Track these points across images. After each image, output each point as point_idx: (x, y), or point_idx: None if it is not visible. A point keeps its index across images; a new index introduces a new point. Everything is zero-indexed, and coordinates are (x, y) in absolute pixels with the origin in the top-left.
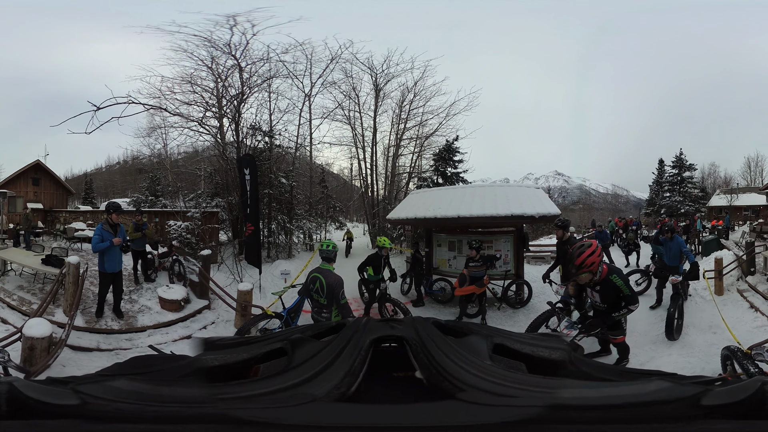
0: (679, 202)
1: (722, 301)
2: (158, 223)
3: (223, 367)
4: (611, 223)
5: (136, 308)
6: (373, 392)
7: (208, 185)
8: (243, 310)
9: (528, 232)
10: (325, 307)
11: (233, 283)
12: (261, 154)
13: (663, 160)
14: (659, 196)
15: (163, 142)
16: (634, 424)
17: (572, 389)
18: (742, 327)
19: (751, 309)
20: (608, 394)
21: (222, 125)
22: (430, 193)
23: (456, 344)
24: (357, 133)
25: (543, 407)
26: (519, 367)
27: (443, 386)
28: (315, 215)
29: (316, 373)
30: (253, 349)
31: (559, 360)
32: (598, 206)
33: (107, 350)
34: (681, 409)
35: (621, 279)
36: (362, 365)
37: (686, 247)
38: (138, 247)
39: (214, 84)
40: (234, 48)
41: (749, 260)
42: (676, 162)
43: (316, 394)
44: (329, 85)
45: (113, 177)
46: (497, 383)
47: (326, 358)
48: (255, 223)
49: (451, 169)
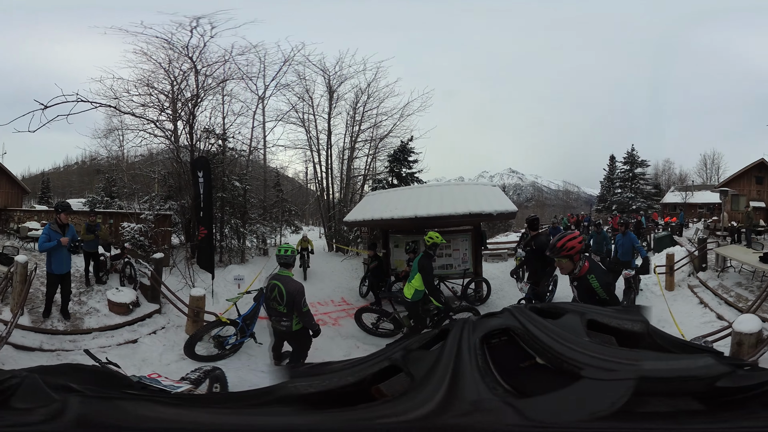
0: (630, 198)
1: (672, 297)
2: (113, 224)
3: (322, 393)
4: (564, 219)
5: (84, 310)
6: (520, 385)
7: (162, 188)
8: (195, 316)
9: (485, 230)
10: (285, 316)
11: (185, 288)
12: (214, 157)
13: (614, 157)
14: (611, 192)
15: (120, 144)
16: (679, 398)
17: (650, 361)
18: (690, 322)
19: (700, 305)
20: (674, 367)
21: (176, 128)
22: (386, 194)
23: (556, 326)
24: (311, 136)
25: (635, 379)
26: (611, 341)
27: (565, 368)
28: (269, 219)
29: (453, 380)
30: (358, 372)
31: (639, 332)
32: (550, 203)
33: (49, 351)
34: (704, 386)
35: (598, 281)
36: (486, 363)
37: (638, 243)
38: (90, 249)
39: (170, 86)
40: (191, 50)
41: (701, 256)
42: (628, 158)
43: (487, 398)
44: (282, 88)
45: (71, 177)
46: (603, 358)
47: (448, 364)
48: (208, 226)
49: (406, 170)
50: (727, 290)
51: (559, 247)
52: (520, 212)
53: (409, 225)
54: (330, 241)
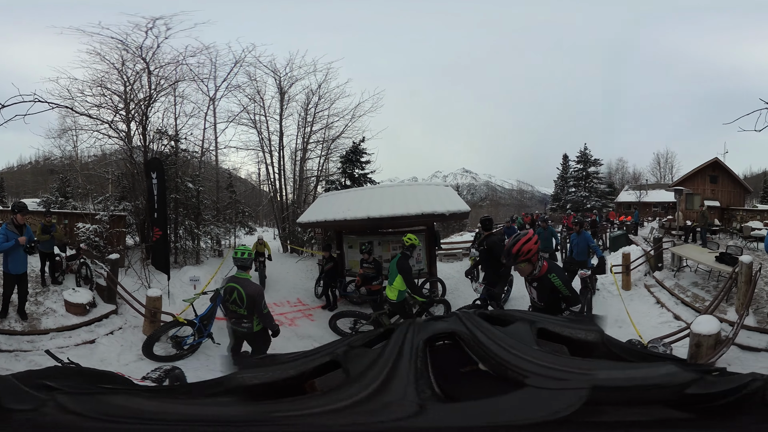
0: (585, 197)
1: (629, 296)
2: (68, 225)
3: (267, 385)
4: (518, 218)
5: (41, 310)
6: (454, 390)
7: (116, 188)
8: (152, 317)
9: (439, 230)
10: (246, 318)
11: (141, 288)
12: (167, 158)
13: (567, 156)
14: (564, 191)
15: (73, 144)
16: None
17: (606, 371)
18: (647, 322)
19: (657, 304)
20: (631, 376)
21: (130, 129)
22: (339, 195)
23: (504, 333)
24: (263, 138)
25: (587, 389)
26: (562, 350)
27: (508, 375)
28: (223, 220)
29: (385, 381)
30: (300, 365)
31: (593, 342)
32: (504, 202)
33: (7, 351)
34: (673, 394)
35: (560, 278)
36: (426, 366)
37: (593, 242)
38: (46, 249)
39: (123, 87)
40: (145, 51)
41: (657, 256)
42: (581, 157)
43: (411, 400)
44: (234, 89)
45: (25, 176)
46: (552, 368)
47: (386, 364)
48: (162, 227)
49: (359, 171)
50: (684, 290)
51: (515, 253)
52: (475, 212)
53: (363, 226)
54: (284, 243)
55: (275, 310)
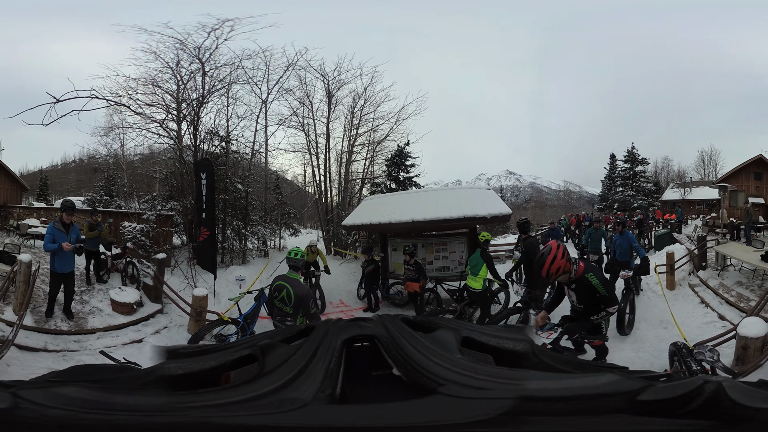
0: (631, 196)
1: (673, 296)
2: (112, 223)
3: (188, 375)
4: (564, 219)
5: (86, 309)
6: (356, 393)
7: (164, 188)
8: (197, 316)
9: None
10: (290, 316)
11: (187, 288)
12: (218, 159)
13: (615, 155)
14: (612, 191)
15: (120, 142)
16: (588, 416)
17: (536, 381)
18: (692, 322)
19: (701, 304)
20: (566, 386)
21: (180, 128)
22: (384, 198)
23: (426, 339)
24: (311, 140)
25: (513, 399)
26: (487, 359)
27: (423, 382)
28: (270, 221)
29: (293, 378)
30: (220, 357)
31: (523, 352)
32: (550, 203)
33: (54, 351)
34: (624, 402)
35: (597, 278)
36: (338, 366)
37: (636, 242)
38: (91, 247)
39: (176, 87)
40: (202, 52)
41: (701, 255)
42: (628, 156)
43: (304, 399)
44: (285, 92)
45: (69, 175)
46: (472, 376)
47: (299, 362)
48: (210, 228)
49: (404, 174)
50: (728, 289)
51: (546, 275)
52: (519, 213)
53: (407, 229)
54: (328, 245)
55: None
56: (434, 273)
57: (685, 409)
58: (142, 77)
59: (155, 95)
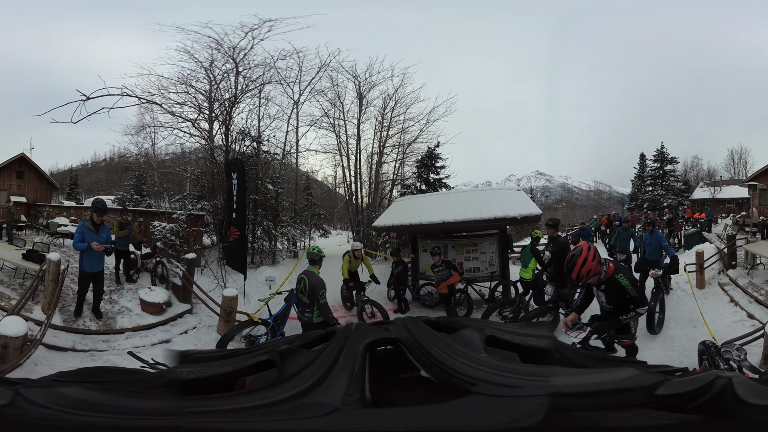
0: (661, 195)
1: (703, 295)
2: (142, 223)
3: (200, 380)
4: (595, 220)
5: (115, 309)
6: (386, 396)
7: (194, 187)
8: (227, 316)
9: (511, 233)
10: (308, 307)
11: (217, 288)
12: (249, 159)
13: (644, 155)
14: (641, 190)
15: (151, 141)
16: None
17: (563, 377)
18: (721, 321)
19: (731, 303)
20: (590, 381)
21: (212, 128)
22: (414, 199)
23: (451, 340)
24: (341, 141)
25: (546, 395)
26: (513, 357)
27: (453, 383)
28: (299, 222)
29: (315, 383)
30: (236, 362)
31: (546, 348)
32: (581, 204)
33: (82, 351)
34: (643, 396)
35: (627, 278)
36: (363, 370)
37: (666, 242)
38: (121, 246)
39: (208, 86)
40: (237, 52)
41: (730, 253)
42: (658, 156)
43: (333, 403)
44: (317, 93)
45: (99, 174)
46: (503, 375)
47: (321, 366)
48: (241, 228)
49: (434, 176)
50: (758, 288)
51: (576, 278)
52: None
53: (437, 230)
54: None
55: (347, 311)
56: (465, 274)
57: (695, 403)
58: (174, 76)
59: (188, 94)
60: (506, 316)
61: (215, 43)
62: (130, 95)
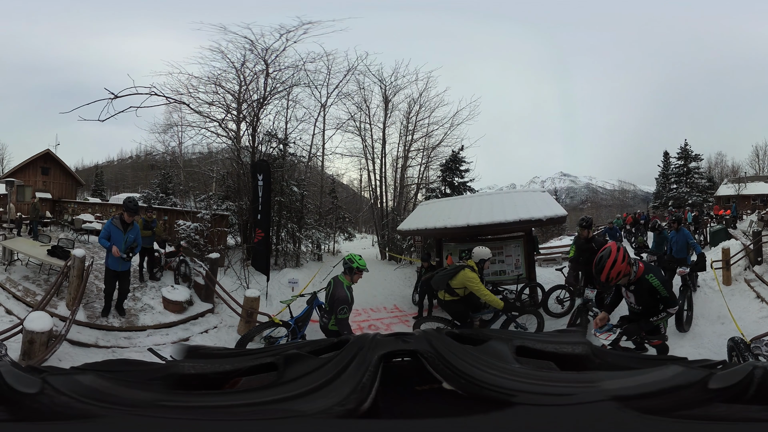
0: (686, 193)
1: (730, 291)
2: (167, 221)
3: (199, 376)
4: (619, 219)
5: (138, 306)
6: (394, 408)
7: (220, 187)
8: (248, 317)
9: (537, 235)
10: (326, 313)
11: (239, 289)
12: (275, 161)
13: (668, 152)
14: (666, 188)
15: (178, 140)
16: (670, 411)
17: (611, 381)
18: (748, 317)
19: (757, 299)
20: (642, 382)
21: (239, 129)
22: (439, 203)
23: (477, 352)
24: (367, 145)
25: (603, 400)
26: (549, 366)
27: (485, 395)
28: (324, 225)
29: (311, 390)
30: (238, 362)
31: (583, 354)
32: (606, 203)
33: (105, 347)
34: (695, 393)
35: (658, 279)
36: (373, 381)
37: (692, 239)
38: (146, 244)
39: (238, 87)
40: (268, 53)
41: (756, 250)
42: (682, 153)
43: (304, 410)
44: (343, 96)
45: (124, 171)
46: (547, 384)
47: (326, 374)
48: (265, 229)
49: (458, 179)
50: None
51: (605, 281)
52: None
53: (462, 233)
54: (383, 250)
55: (372, 315)
56: (491, 277)
57: (747, 394)
58: (204, 76)
59: (216, 94)
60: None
61: (249, 43)
62: (158, 94)
